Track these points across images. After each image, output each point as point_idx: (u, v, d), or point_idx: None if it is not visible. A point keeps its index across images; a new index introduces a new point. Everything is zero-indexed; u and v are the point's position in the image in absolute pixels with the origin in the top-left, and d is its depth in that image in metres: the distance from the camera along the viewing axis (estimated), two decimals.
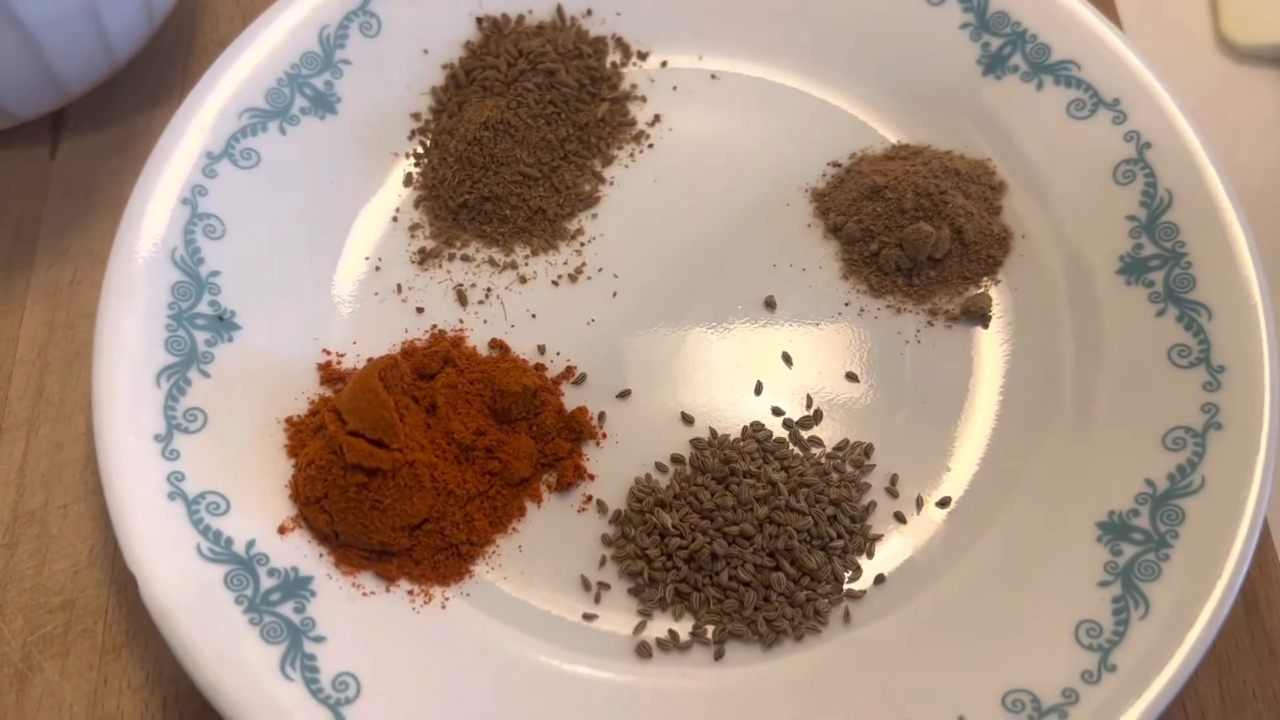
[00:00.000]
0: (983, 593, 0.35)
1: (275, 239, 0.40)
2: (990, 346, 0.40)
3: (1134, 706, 0.32)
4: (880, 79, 0.44)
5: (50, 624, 0.37)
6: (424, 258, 0.42)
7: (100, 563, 0.37)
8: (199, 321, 0.38)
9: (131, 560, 0.33)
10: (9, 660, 0.36)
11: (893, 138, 0.44)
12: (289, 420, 0.38)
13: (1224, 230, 0.38)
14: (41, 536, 0.38)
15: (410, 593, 0.35)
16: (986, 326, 0.40)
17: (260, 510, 0.36)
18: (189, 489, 0.35)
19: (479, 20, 0.44)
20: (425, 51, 0.44)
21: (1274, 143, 0.48)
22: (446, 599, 0.36)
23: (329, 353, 0.40)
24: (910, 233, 0.40)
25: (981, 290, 0.41)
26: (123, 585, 0.37)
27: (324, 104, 0.42)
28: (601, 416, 0.39)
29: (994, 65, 0.43)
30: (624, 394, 0.39)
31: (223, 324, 0.38)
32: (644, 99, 0.44)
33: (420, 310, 0.41)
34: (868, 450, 0.38)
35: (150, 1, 0.41)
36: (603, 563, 0.37)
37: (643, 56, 0.45)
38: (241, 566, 0.34)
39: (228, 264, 0.39)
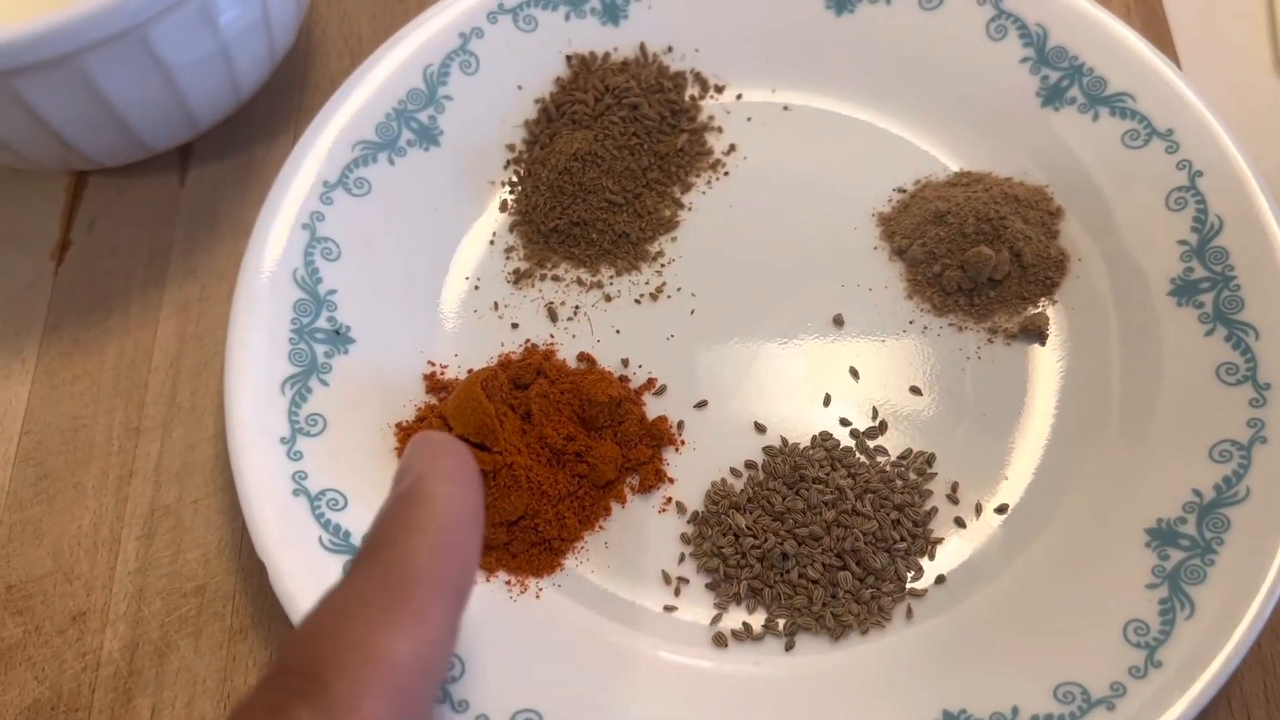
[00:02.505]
0: (1037, 592, 0.38)
1: (385, 260, 0.44)
2: (1047, 363, 0.42)
3: (1179, 701, 0.34)
4: (944, 110, 0.47)
5: (185, 607, 0.41)
6: (518, 278, 0.45)
7: (228, 552, 0.41)
8: (318, 335, 0.42)
9: (261, 550, 0.37)
10: (149, 639, 0.40)
11: (955, 165, 0.46)
12: (398, 425, 0.41)
13: (1272, 255, 0.40)
14: (176, 528, 0.42)
15: (508, 583, 0.39)
16: (1044, 344, 0.43)
17: (375, 506, 0.38)
18: (311, 486, 0.39)
19: (568, 58, 0.47)
20: (519, 87, 0.47)
21: None
22: (540, 589, 0.39)
23: (433, 364, 0.43)
24: (971, 256, 0.43)
25: (1039, 310, 0.43)
26: (248, 573, 0.41)
27: (428, 136, 0.46)
28: (680, 425, 0.42)
29: (1053, 97, 0.45)
30: (701, 404, 0.43)
31: (339, 338, 0.42)
32: (720, 129, 0.48)
33: (515, 326, 0.44)
34: (930, 459, 0.41)
35: (273, 43, 0.45)
36: (682, 559, 0.40)
37: (719, 90, 0.48)
38: None
39: (343, 283, 0.43)
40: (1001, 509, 0.40)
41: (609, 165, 0.45)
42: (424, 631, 0.22)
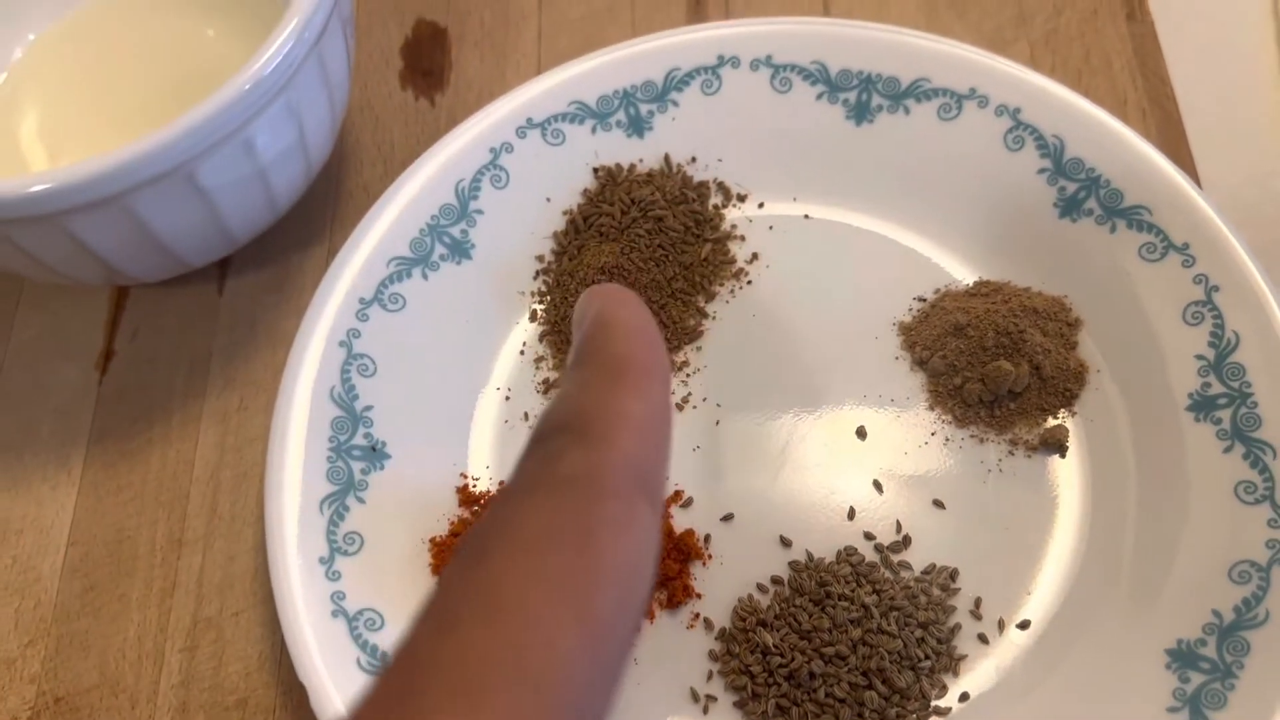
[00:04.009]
0: (1060, 712, 0.39)
1: (420, 374, 0.45)
2: (1067, 476, 0.43)
3: None
4: (963, 219, 0.48)
5: None
6: (548, 388, 0.46)
7: (268, 666, 0.43)
8: (355, 452, 0.43)
9: (302, 673, 0.38)
10: None
11: (974, 275, 0.47)
12: (432, 540, 0.42)
13: None
14: (218, 641, 0.43)
15: None
16: (1064, 456, 0.43)
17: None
18: (349, 607, 0.40)
19: (595, 170, 0.49)
20: (548, 200, 0.48)
21: None
22: None
23: (465, 476, 0.44)
24: (991, 370, 0.44)
25: (1059, 422, 0.44)
26: (288, 687, 0.42)
27: (460, 250, 0.47)
28: (707, 539, 0.43)
29: (1070, 208, 0.46)
30: (727, 517, 0.43)
31: (375, 454, 0.43)
32: (743, 238, 0.49)
33: None
34: (953, 574, 0.42)
35: (309, 162, 0.47)
36: (710, 677, 0.41)
37: (742, 199, 0.49)
38: None
39: (379, 399, 0.44)
40: (1024, 625, 0.41)
41: (635, 277, 0.46)
42: (648, 396, 0.26)
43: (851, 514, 0.43)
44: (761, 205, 0.49)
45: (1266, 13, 0.56)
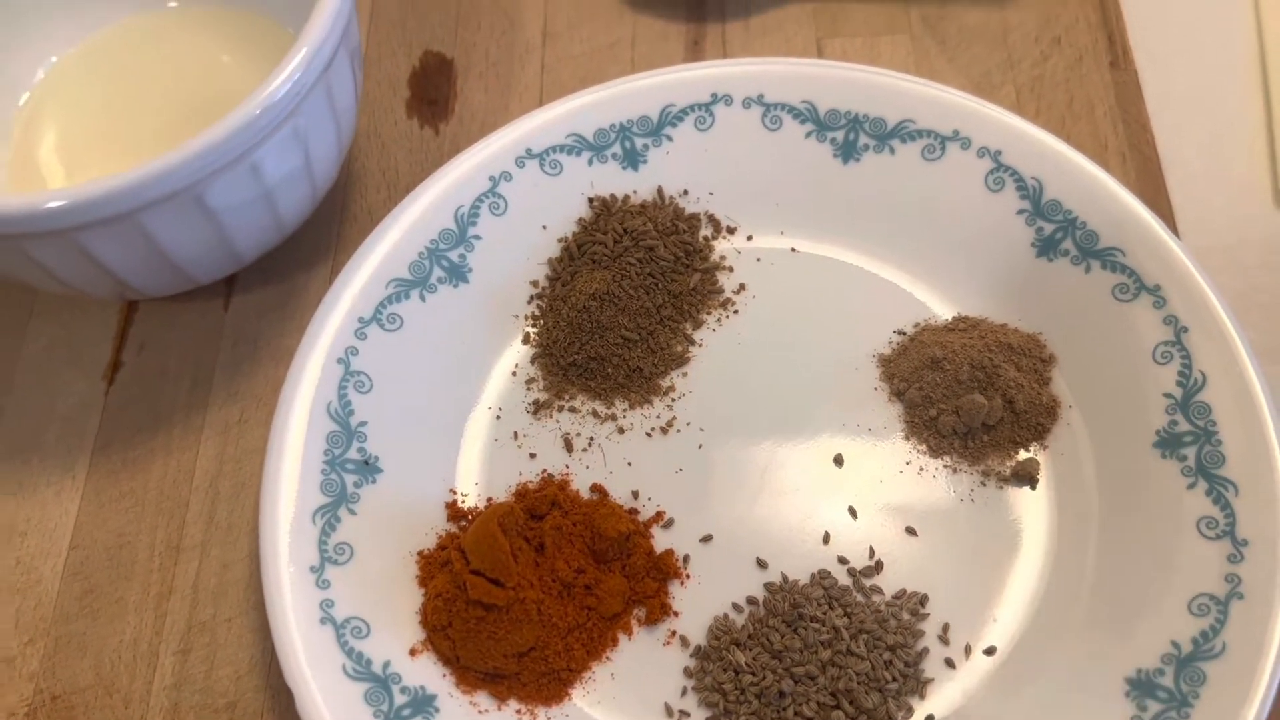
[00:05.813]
0: None
1: (414, 392, 0.46)
2: (1037, 508, 0.44)
3: None
4: (943, 257, 0.49)
5: None
6: (537, 408, 0.48)
7: (258, 671, 0.44)
8: (349, 466, 0.44)
9: (289, 678, 0.39)
10: None
11: (952, 310, 0.49)
12: (420, 553, 0.44)
13: (1254, 413, 0.42)
14: (210, 645, 0.44)
15: (518, 711, 0.41)
16: (1034, 489, 0.45)
17: (395, 634, 0.42)
18: (337, 615, 0.41)
19: (590, 200, 0.50)
20: (544, 227, 0.50)
21: None
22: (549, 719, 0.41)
23: (454, 492, 0.46)
24: (965, 403, 0.45)
25: (1030, 455, 0.45)
26: (276, 692, 0.43)
27: (458, 274, 0.49)
28: (686, 559, 0.44)
29: (1047, 248, 0.48)
30: (706, 538, 0.45)
31: (368, 468, 0.45)
32: (731, 269, 0.50)
33: (533, 456, 0.47)
34: (923, 600, 0.43)
35: (314, 186, 0.48)
36: (684, 693, 0.42)
37: (731, 231, 0.51)
38: (379, 685, 0.40)
39: (373, 415, 0.45)
40: (990, 651, 0.42)
41: (625, 304, 0.48)
42: None
43: (827, 539, 0.45)
44: (750, 238, 0.51)
45: (1251, 62, 0.58)
